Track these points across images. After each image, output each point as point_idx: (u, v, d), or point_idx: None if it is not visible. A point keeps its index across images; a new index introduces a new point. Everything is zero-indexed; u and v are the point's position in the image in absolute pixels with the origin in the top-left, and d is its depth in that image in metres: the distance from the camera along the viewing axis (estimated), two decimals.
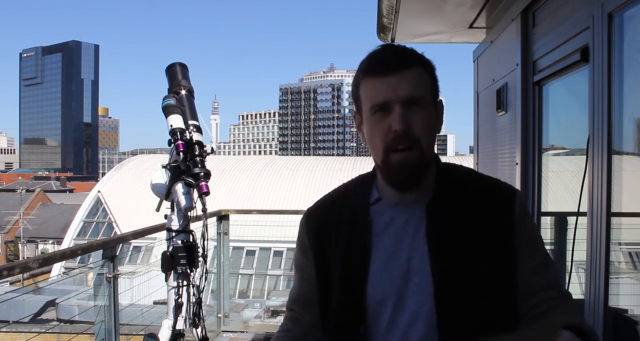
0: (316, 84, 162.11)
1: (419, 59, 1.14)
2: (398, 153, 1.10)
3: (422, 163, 1.12)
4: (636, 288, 2.25)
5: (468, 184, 1.19)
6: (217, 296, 4.93)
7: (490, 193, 1.17)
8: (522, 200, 1.18)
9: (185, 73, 2.50)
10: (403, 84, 1.09)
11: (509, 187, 1.21)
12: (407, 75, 1.10)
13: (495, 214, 1.13)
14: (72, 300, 14.39)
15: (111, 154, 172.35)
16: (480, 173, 1.28)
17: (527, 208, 1.20)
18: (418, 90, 1.10)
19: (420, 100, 1.10)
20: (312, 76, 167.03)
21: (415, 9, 3.57)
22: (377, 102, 1.10)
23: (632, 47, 1.90)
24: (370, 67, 1.13)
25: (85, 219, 25.64)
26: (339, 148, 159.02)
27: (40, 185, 52.91)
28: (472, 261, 1.09)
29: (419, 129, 1.10)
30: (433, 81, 1.16)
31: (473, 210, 1.14)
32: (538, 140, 2.84)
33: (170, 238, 2.31)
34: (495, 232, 1.12)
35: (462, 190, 1.17)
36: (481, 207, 1.14)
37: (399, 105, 1.09)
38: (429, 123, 1.13)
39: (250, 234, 16.60)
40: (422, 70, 1.13)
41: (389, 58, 1.11)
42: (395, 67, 1.10)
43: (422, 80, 1.12)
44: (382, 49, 1.15)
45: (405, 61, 1.11)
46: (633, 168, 2.03)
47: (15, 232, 38.43)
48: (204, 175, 2.23)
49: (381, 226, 1.16)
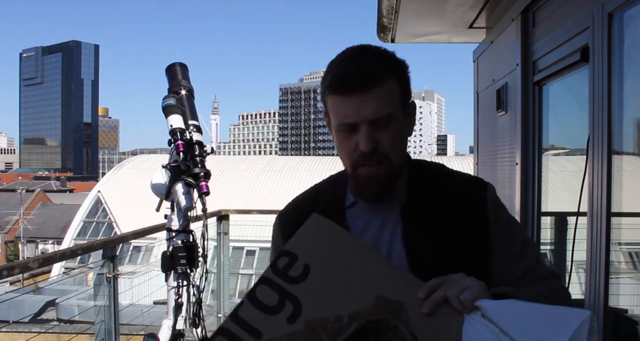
0: (316, 84, 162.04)
1: (388, 70, 1.07)
2: (366, 167, 1.09)
3: (391, 176, 1.11)
4: (636, 288, 2.25)
5: (440, 183, 1.18)
6: (217, 296, 4.93)
7: (462, 190, 1.16)
8: (493, 193, 1.17)
9: (185, 73, 2.50)
10: (368, 105, 1.04)
11: (479, 182, 1.20)
12: (373, 95, 1.04)
13: (468, 211, 1.13)
14: (72, 300, 14.39)
15: (111, 154, 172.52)
16: (449, 169, 1.25)
17: (499, 200, 1.19)
18: (385, 109, 1.05)
19: (387, 119, 1.06)
20: (312, 76, 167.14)
21: (415, 9, 3.57)
22: (343, 122, 1.07)
23: (632, 47, 1.90)
24: (334, 84, 1.08)
25: (85, 219, 25.63)
26: None
27: (40, 185, 52.92)
28: (448, 261, 1.08)
29: (387, 146, 1.07)
30: (403, 88, 1.10)
31: (446, 210, 1.13)
32: (538, 140, 2.84)
33: (170, 238, 2.31)
34: (470, 229, 1.12)
35: (434, 190, 1.16)
36: (454, 206, 1.14)
37: (365, 125, 1.05)
38: (397, 139, 1.10)
39: (250, 234, 16.60)
40: (391, 82, 1.07)
41: (354, 77, 1.05)
42: (359, 87, 1.04)
43: (390, 96, 1.07)
44: (346, 61, 1.08)
45: (371, 79, 1.04)
46: (633, 168, 2.03)
47: (15, 232, 38.44)
48: (204, 175, 2.23)
49: (357, 231, 1.14)
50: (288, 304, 0.90)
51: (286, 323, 0.89)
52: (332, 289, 0.92)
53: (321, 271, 0.93)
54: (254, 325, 0.89)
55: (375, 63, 1.07)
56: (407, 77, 1.13)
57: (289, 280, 0.92)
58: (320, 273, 0.93)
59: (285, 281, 0.92)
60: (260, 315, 0.90)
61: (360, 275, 0.93)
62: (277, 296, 0.91)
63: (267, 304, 0.91)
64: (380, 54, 1.10)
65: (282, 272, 0.93)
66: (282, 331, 0.88)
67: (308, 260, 0.94)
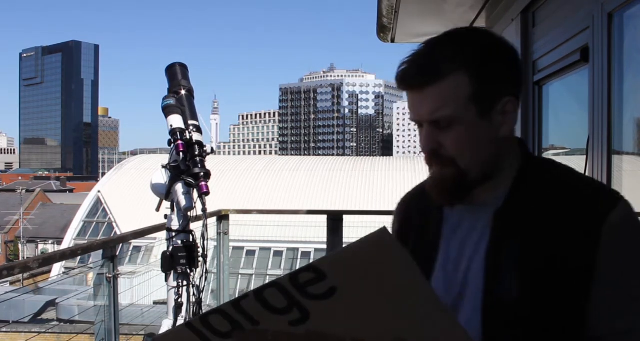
0: (316, 83, 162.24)
1: (456, 62, 0.92)
2: (434, 166, 0.99)
3: (461, 182, 0.96)
4: None
5: (552, 189, 0.96)
6: (217, 296, 4.93)
7: (577, 202, 0.93)
8: (621, 215, 0.90)
9: (185, 73, 2.50)
10: (425, 103, 0.94)
11: (605, 195, 0.95)
12: (431, 92, 0.92)
13: (576, 233, 0.90)
14: (72, 300, 14.39)
15: (111, 154, 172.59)
16: (575, 173, 1.02)
17: (632, 225, 0.92)
18: (442, 110, 0.92)
19: (446, 122, 0.93)
20: (312, 76, 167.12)
21: (415, 9, 3.58)
22: (411, 118, 0.99)
23: (632, 47, 1.90)
24: (397, 79, 0.98)
25: (85, 219, 25.64)
26: (339, 148, 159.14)
27: (40, 185, 52.95)
28: (531, 286, 0.90)
29: (451, 149, 0.95)
30: (478, 84, 0.93)
31: (549, 225, 0.92)
32: (538, 140, 2.85)
33: (170, 238, 2.31)
34: (570, 256, 0.89)
35: (542, 197, 0.95)
36: (560, 222, 0.91)
37: (427, 125, 0.95)
38: (463, 142, 0.94)
39: (250, 234, 16.62)
40: (459, 77, 0.92)
41: (412, 72, 0.94)
42: (418, 83, 0.94)
43: (453, 94, 0.92)
44: (411, 58, 0.96)
45: (430, 75, 0.92)
46: (633, 168, 2.03)
47: (15, 232, 38.45)
48: (204, 175, 2.23)
49: (450, 228, 1.03)
50: (295, 311, 0.83)
51: (287, 324, 0.87)
52: (351, 316, 0.83)
53: (348, 297, 0.82)
54: (253, 316, 0.87)
55: (440, 54, 0.93)
56: (495, 67, 0.94)
57: (305, 295, 0.82)
58: (345, 299, 0.82)
59: (300, 295, 0.82)
60: (263, 311, 0.87)
61: (392, 310, 0.83)
62: (286, 303, 0.84)
63: (273, 305, 0.86)
64: (461, 40, 0.96)
65: (301, 286, 0.82)
66: (282, 328, 0.86)
67: (338, 284, 0.82)
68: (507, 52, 0.96)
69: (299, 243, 19.29)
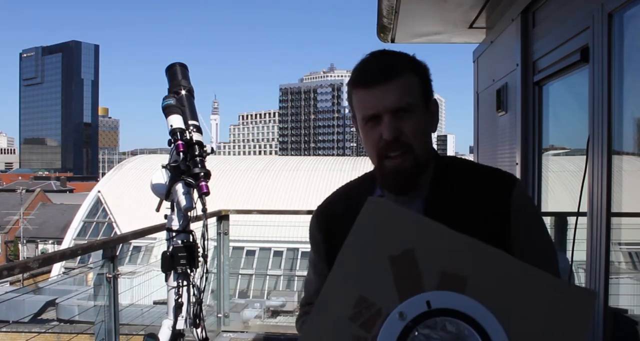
0: (316, 84, 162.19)
1: (407, 64, 1.14)
2: (391, 159, 1.13)
3: (417, 167, 1.14)
4: (636, 288, 2.25)
5: (465, 178, 1.18)
6: (217, 296, 4.93)
7: (486, 186, 1.16)
8: (520, 191, 1.16)
9: (185, 73, 2.50)
10: (389, 94, 1.11)
11: (506, 178, 1.18)
12: (393, 85, 1.11)
13: (491, 208, 1.13)
14: (72, 300, 14.40)
15: (111, 154, 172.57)
16: (478, 165, 1.26)
17: (527, 198, 1.19)
18: (405, 98, 1.11)
19: (408, 108, 1.11)
20: (312, 76, 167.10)
21: (415, 9, 3.58)
22: (367, 114, 1.13)
23: (632, 47, 1.90)
24: (358, 78, 1.15)
25: (85, 219, 25.64)
26: (339, 148, 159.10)
27: (40, 185, 52.92)
28: None
29: (409, 135, 1.12)
30: (424, 84, 1.16)
31: (469, 205, 1.13)
32: (538, 140, 2.85)
33: (170, 238, 2.31)
34: (490, 227, 1.11)
35: (458, 185, 1.16)
36: (477, 201, 1.14)
37: (388, 115, 1.11)
38: (419, 128, 1.14)
39: (250, 234, 16.59)
40: (411, 75, 1.13)
41: (374, 69, 1.12)
42: (381, 77, 1.11)
43: (410, 87, 1.13)
44: (368, 59, 1.16)
45: (391, 70, 1.12)
46: (633, 168, 2.03)
47: (15, 232, 38.44)
48: (204, 175, 2.23)
49: None
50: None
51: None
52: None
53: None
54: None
55: (395, 59, 1.14)
56: (428, 76, 1.18)
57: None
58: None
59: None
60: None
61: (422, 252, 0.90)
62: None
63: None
64: (401, 53, 1.16)
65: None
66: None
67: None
68: (426, 66, 1.19)
69: (299, 243, 19.27)
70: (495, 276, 0.87)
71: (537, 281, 0.87)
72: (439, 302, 0.84)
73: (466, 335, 0.83)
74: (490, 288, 0.86)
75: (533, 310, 0.85)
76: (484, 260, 0.88)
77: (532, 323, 0.84)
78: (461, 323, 0.83)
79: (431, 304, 0.84)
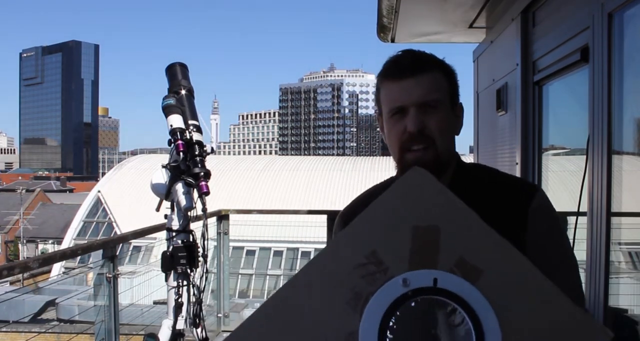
0: (316, 83, 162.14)
1: (437, 63, 1.18)
2: (413, 153, 1.14)
3: (438, 164, 1.14)
4: (636, 288, 2.25)
5: (484, 185, 1.17)
6: (217, 296, 4.93)
7: (505, 194, 1.15)
8: (539, 203, 1.14)
9: (185, 73, 2.50)
10: (418, 87, 1.13)
11: (526, 187, 1.18)
12: (423, 79, 1.13)
13: (506, 219, 1.09)
14: (72, 300, 14.40)
15: (111, 154, 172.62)
16: (503, 174, 1.25)
17: (548, 208, 1.17)
18: (433, 94, 1.14)
19: (435, 104, 1.14)
20: (312, 76, 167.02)
21: (415, 9, 3.58)
22: (395, 106, 1.15)
23: (632, 47, 1.90)
24: (389, 71, 1.17)
25: (85, 219, 25.65)
26: (339, 148, 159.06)
27: (40, 185, 52.94)
28: None
29: (433, 130, 1.13)
30: (451, 85, 1.19)
31: (485, 213, 1.07)
32: (538, 140, 2.85)
33: (170, 238, 2.31)
34: (507, 233, 1.04)
35: (476, 193, 1.12)
36: (493, 211, 1.08)
37: (414, 108, 1.13)
38: (444, 125, 1.15)
39: (250, 234, 16.61)
40: (439, 74, 1.16)
41: (406, 62, 1.16)
42: (411, 71, 1.14)
43: (438, 84, 1.15)
44: (401, 54, 1.19)
45: (421, 65, 1.15)
46: (633, 168, 2.03)
47: (15, 232, 38.45)
48: (204, 175, 2.23)
49: None
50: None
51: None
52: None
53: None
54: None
55: (427, 57, 1.18)
56: (456, 80, 1.21)
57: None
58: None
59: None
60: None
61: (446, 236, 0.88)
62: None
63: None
64: (432, 55, 1.20)
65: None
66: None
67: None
68: (455, 70, 1.21)
69: (299, 243, 19.29)
70: (512, 280, 0.85)
71: (555, 302, 0.84)
72: (446, 283, 0.83)
73: (459, 323, 0.81)
74: (504, 290, 0.84)
75: (538, 327, 0.83)
76: (508, 262, 0.86)
77: (530, 339, 0.82)
78: (460, 311, 0.82)
79: (438, 282, 0.83)
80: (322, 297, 0.87)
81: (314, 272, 0.90)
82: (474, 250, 0.86)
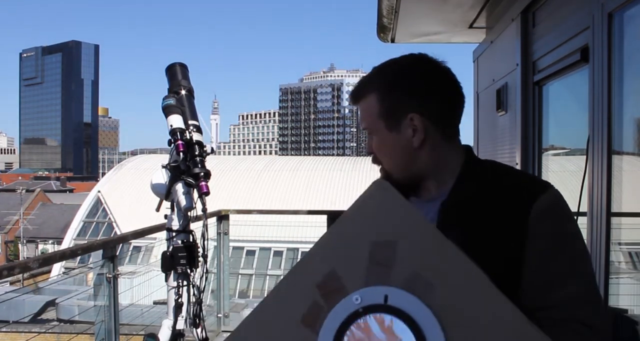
0: (316, 83, 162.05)
1: (373, 84, 1.16)
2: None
3: (396, 180, 1.10)
4: (636, 288, 2.25)
5: (489, 184, 1.10)
6: (217, 296, 4.93)
7: (508, 198, 1.06)
8: (544, 205, 1.03)
9: (185, 73, 2.50)
10: (360, 116, 1.21)
11: (532, 187, 1.08)
12: (360, 107, 1.19)
13: (509, 217, 1.04)
14: (72, 300, 14.40)
15: (111, 154, 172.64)
16: (515, 171, 1.21)
17: (555, 210, 1.05)
18: (364, 121, 1.18)
19: (370, 131, 1.18)
20: (312, 76, 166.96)
21: (415, 9, 3.58)
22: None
23: (632, 47, 1.90)
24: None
25: (85, 219, 25.64)
26: (339, 148, 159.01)
27: (40, 185, 52.92)
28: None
29: (378, 154, 1.18)
30: (387, 103, 1.13)
31: (486, 213, 1.06)
32: (538, 140, 2.85)
33: (170, 238, 2.31)
34: (506, 239, 1.03)
35: (481, 191, 1.09)
36: (496, 210, 1.05)
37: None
38: (381, 148, 1.17)
39: (250, 234, 16.60)
40: (372, 96, 1.15)
41: (351, 91, 1.24)
42: (352, 100, 1.22)
43: (370, 109, 1.16)
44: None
45: (356, 93, 1.20)
46: (633, 168, 2.03)
47: (15, 232, 38.44)
48: (204, 175, 2.23)
49: None
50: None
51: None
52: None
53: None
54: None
55: (365, 79, 1.20)
56: (399, 91, 1.12)
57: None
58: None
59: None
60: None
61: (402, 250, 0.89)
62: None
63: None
64: (375, 71, 1.19)
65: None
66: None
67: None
68: (414, 78, 1.13)
69: (299, 243, 19.28)
70: (465, 297, 0.84)
71: (507, 319, 0.83)
72: (396, 300, 0.84)
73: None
74: (455, 307, 0.83)
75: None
76: (463, 278, 0.85)
77: None
78: (406, 329, 0.82)
79: (388, 299, 0.84)
80: (285, 316, 0.91)
81: (282, 289, 0.95)
82: (429, 265, 0.86)
